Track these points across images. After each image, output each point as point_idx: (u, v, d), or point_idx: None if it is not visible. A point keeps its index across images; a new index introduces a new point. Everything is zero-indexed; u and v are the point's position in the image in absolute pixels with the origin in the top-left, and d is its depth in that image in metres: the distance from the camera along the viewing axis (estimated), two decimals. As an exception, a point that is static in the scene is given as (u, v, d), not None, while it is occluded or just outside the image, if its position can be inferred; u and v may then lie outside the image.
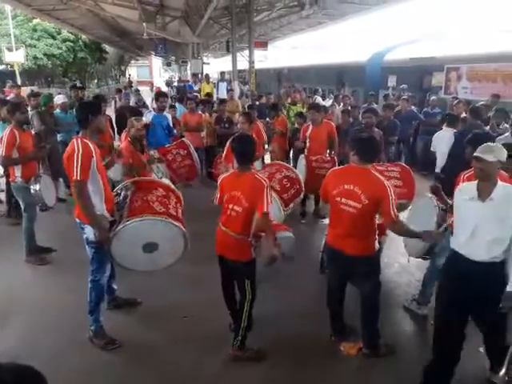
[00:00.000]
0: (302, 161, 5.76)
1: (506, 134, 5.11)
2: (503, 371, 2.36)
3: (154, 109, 6.46)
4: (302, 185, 4.94)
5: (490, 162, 2.47)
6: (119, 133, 7.09)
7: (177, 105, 8.81)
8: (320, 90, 12.69)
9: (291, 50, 48.41)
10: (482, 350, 3.43)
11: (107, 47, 35.67)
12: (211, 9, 12.74)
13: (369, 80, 13.02)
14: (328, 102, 11.54)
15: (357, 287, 3.36)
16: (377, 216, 3.10)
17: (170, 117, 6.56)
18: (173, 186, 4.04)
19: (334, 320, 3.50)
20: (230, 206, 3.07)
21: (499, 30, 10.99)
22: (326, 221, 5.98)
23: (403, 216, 4.39)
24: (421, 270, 4.20)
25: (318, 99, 11.54)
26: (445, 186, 3.53)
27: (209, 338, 3.48)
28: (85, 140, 3.11)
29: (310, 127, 6.08)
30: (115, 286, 3.90)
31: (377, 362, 3.26)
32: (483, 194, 2.56)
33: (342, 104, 9.10)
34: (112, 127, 7.66)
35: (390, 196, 2.92)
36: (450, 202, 3.53)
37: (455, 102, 7.56)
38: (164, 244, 3.35)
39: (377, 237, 3.19)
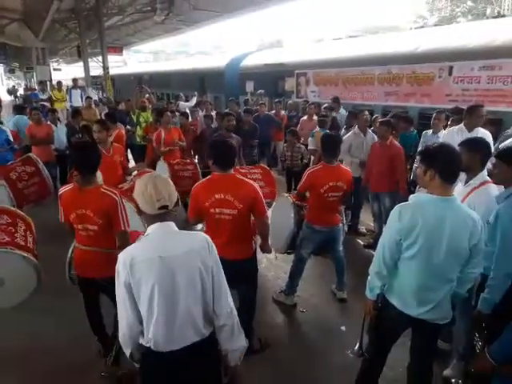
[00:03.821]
0: (162, 165, 5.66)
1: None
2: (357, 345, 2.61)
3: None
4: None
5: None
6: None
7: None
8: (182, 95, 12.64)
9: (153, 55, 47.64)
10: (343, 328, 3.81)
11: None
12: (53, 11, 11.70)
13: (228, 85, 13.40)
14: (192, 102, 11.64)
15: (238, 290, 3.35)
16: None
17: (8, 130, 5.82)
18: (21, 213, 3.56)
19: None
20: (83, 226, 2.83)
21: (333, 38, 12.38)
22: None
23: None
24: (287, 262, 4.44)
25: (182, 104, 11.54)
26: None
27: (77, 368, 3.17)
28: None
29: (163, 133, 6.19)
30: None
31: (253, 357, 3.33)
32: None
33: (204, 110, 9.20)
34: None
35: (259, 194, 3.02)
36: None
37: (308, 104, 8.30)
38: (11, 278, 2.95)
39: (254, 238, 3.27)
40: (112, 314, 2.99)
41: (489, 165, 2.83)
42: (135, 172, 4.84)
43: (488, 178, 2.78)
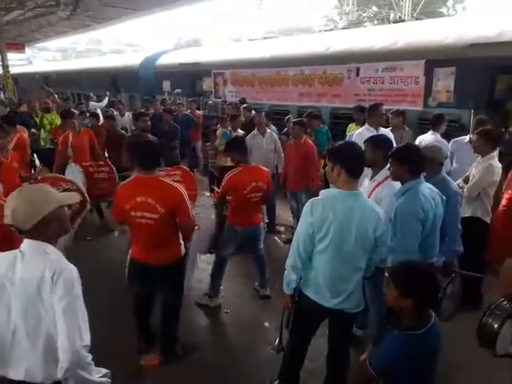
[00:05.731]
0: (72, 168, 5.30)
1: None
2: (277, 341, 2.66)
3: None
4: (86, 195, 4.46)
5: None
6: None
7: None
8: (93, 95, 12.03)
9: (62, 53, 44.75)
10: (267, 324, 3.87)
11: None
12: None
13: (143, 85, 12.97)
14: (104, 102, 11.16)
15: (161, 297, 3.26)
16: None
17: None
18: None
19: (144, 330, 3.30)
20: None
21: (249, 39, 12.54)
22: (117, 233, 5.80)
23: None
24: (211, 265, 4.38)
25: (92, 104, 11.00)
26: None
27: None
28: None
29: (70, 136, 5.88)
30: None
31: (178, 362, 3.28)
32: None
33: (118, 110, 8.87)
34: None
35: (185, 198, 2.93)
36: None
37: (226, 104, 8.33)
38: None
39: (182, 242, 3.16)
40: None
41: None
42: (39, 178, 4.47)
43: (391, 173, 2.99)
